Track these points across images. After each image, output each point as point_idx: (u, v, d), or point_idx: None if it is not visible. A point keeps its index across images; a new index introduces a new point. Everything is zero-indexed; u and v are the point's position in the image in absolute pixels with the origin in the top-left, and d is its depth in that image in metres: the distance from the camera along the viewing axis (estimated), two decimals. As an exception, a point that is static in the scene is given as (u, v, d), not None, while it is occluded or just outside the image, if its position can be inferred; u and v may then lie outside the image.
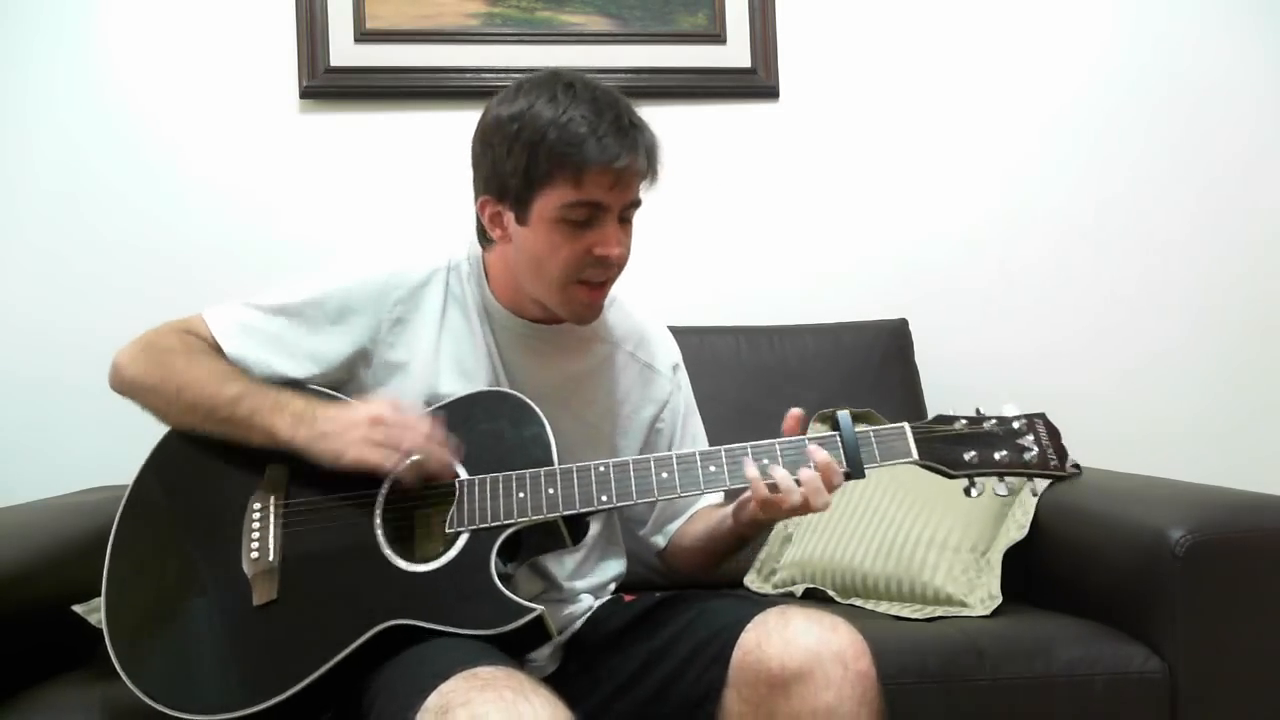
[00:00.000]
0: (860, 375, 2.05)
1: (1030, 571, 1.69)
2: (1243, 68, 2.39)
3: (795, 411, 1.22)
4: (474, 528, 1.18)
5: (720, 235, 2.25)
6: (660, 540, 1.44)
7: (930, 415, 2.01)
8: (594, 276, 1.25)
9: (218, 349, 1.29)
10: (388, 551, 1.19)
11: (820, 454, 1.17)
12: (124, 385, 1.29)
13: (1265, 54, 2.39)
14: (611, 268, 1.25)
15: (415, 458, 1.20)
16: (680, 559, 1.43)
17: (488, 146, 1.24)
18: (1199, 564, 1.42)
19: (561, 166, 1.18)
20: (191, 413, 1.26)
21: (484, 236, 1.31)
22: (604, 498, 1.19)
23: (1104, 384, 2.32)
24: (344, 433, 1.19)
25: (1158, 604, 1.46)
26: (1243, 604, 1.45)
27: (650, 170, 1.23)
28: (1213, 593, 1.44)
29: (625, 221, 1.25)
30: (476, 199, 1.28)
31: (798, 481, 1.16)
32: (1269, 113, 2.39)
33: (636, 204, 1.26)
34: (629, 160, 1.19)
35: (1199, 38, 2.38)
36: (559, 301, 1.26)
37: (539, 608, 1.14)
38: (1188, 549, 1.41)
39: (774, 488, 1.16)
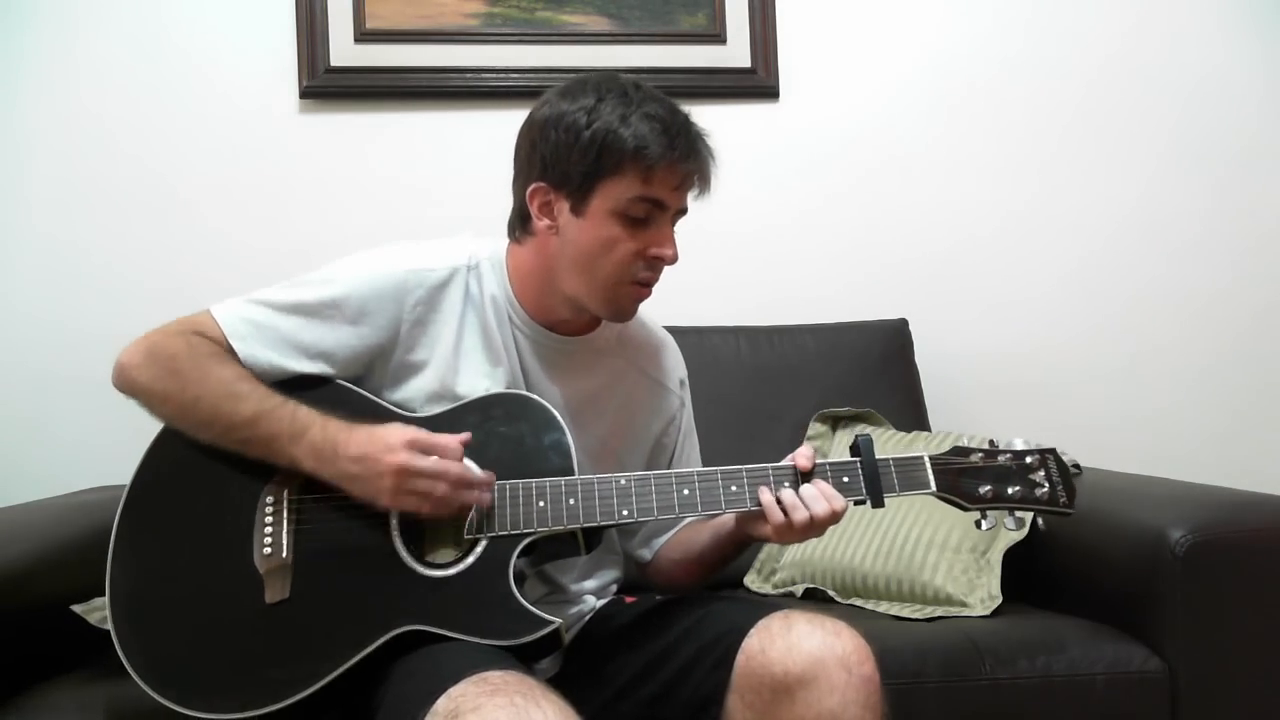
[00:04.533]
0: (860, 375, 2.05)
1: (1030, 571, 1.69)
2: (1243, 67, 2.39)
3: (806, 454, 1.22)
4: (493, 535, 1.17)
5: (720, 235, 2.25)
6: (646, 554, 1.43)
7: (931, 415, 2.08)
8: (645, 278, 1.25)
9: (228, 349, 1.23)
10: (404, 554, 1.18)
11: (837, 500, 1.19)
12: (130, 388, 1.24)
13: (1265, 53, 2.40)
14: (661, 269, 1.26)
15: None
16: (666, 572, 1.41)
17: (550, 132, 1.22)
18: (1199, 564, 1.42)
19: (635, 160, 1.18)
20: (207, 428, 1.22)
21: (521, 229, 1.29)
22: (625, 511, 1.19)
23: (1104, 383, 2.32)
24: (373, 479, 1.15)
25: (1158, 604, 1.46)
26: (1243, 604, 1.45)
27: (706, 181, 1.25)
28: (1213, 593, 1.44)
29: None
30: (525, 187, 1.26)
31: (811, 519, 1.17)
32: (1269, 111, 2.39)
33: (684, 212, 1.26)
34: (697, 165, 1.22)
35: (1201, 38, 2.38)
36: (604, 299, 1.25)
37: (558, 620, 1.13)
38: (1188, 549, 1.41)
39: (789, 514, 1.17)
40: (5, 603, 1.34)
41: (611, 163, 1.19)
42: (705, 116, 2.18)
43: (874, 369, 2.07)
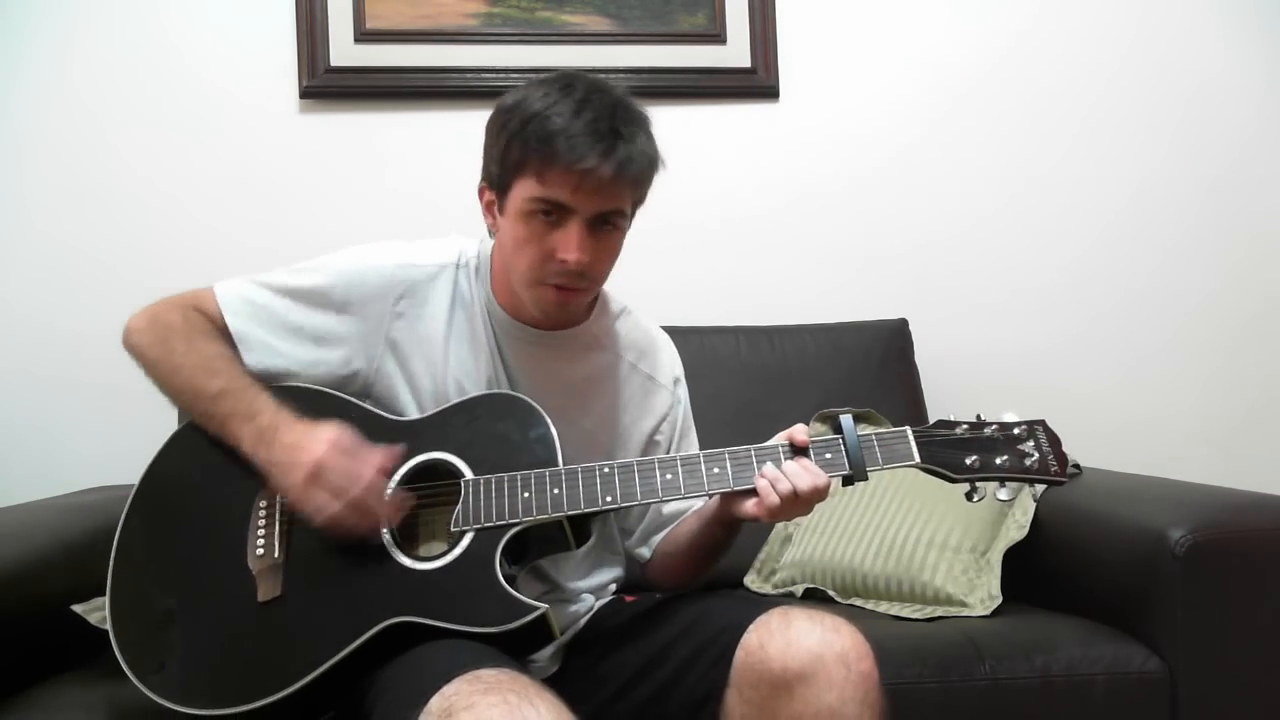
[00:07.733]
0: (860, 375, 2.05)
1: (1030, 571, 1.69)
2: (1241, 68, 2.39)
3: (801, 434, 1.21)
4: (478, 526, 1.18)
5: (720, 235, 2.25)
6: (645, 552, 1.43)
7: (930, 415, 2.07)
8: (557, 280, 1.23)
9: (223, 324, 1.28)
10: (393, 549, 1.19)
11: (820, 476, 1.18)
12: (131, 349, 1.30)
13: (1264, 54, 2.40)
14: (575, 274, 1.22)
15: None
16: (665, 568, 1.41)
17: (487, 133, 1.26)
18: (1199, 564, 1.42)
19: (530, 159, 1.18)
20: (179, 397, 1.28)
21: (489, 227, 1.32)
22: (609, 498, 1.19)
23: (1104, 383, 2.32)
24: (289, 472, 1.18)
25: (1158, 604, 1.46)
26: (1243, 604, 1.45)
27: (624, 181, 1.19)
28: (1213, 593, 1.44)
29: (600, 229, 1.22)
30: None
31: (795, 491, 1.17)
32: (1268, 112, 2.39)
33: (616, 213, 1.22)
34: (595, 164, 1.16)
35: (1200, 39, 2.38)
36: (530, 299, 1.27)
37: (543, 606, 1.14)
38: (1188, 549, 1.41)
39: (773, 485, 1.17)
40: (5, 603, 1.34)
41: (513, 163, 1.20)
42: (705, 116, 2.24)
43: (874, 369, 2.07)
